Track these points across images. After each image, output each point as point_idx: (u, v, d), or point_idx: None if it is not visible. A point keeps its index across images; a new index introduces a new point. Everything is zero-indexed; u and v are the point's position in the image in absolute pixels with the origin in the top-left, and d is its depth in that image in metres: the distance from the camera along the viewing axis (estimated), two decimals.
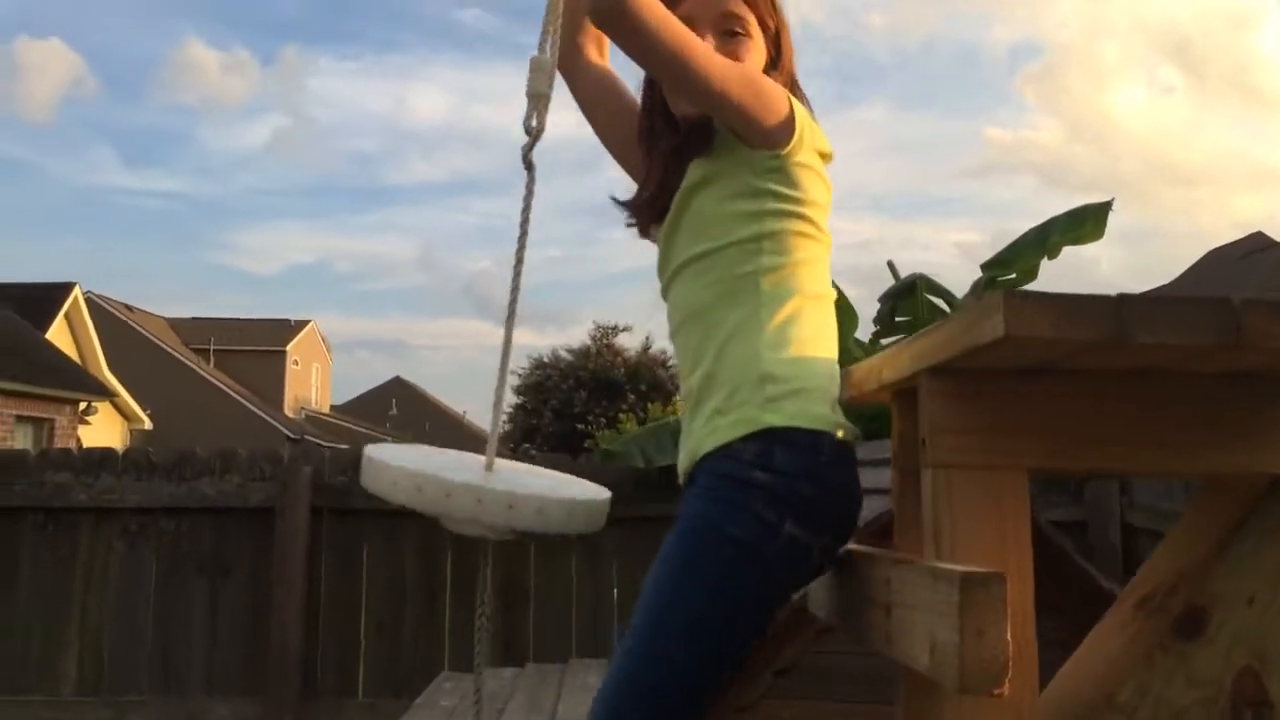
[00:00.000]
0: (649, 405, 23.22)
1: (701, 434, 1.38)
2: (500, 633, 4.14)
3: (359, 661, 4.15)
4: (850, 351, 4.35)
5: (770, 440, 1.32)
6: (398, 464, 1.44)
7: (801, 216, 1.43)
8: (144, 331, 29.97)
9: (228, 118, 59.84)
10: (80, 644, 4.16)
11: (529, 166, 1.55)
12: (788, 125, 1.40)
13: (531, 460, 3.24)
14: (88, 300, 21.99)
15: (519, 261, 1.56)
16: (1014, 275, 5.11)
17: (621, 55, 1.46)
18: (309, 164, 62.11)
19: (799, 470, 1.31)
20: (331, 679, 4.14)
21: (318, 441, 31.68)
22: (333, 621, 4.19)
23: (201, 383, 30.00)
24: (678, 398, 23.97)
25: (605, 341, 31.47)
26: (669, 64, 1.35)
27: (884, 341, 5.18)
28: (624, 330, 31.91)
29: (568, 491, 1.47)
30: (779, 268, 1.41)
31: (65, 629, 4.16)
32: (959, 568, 0.98)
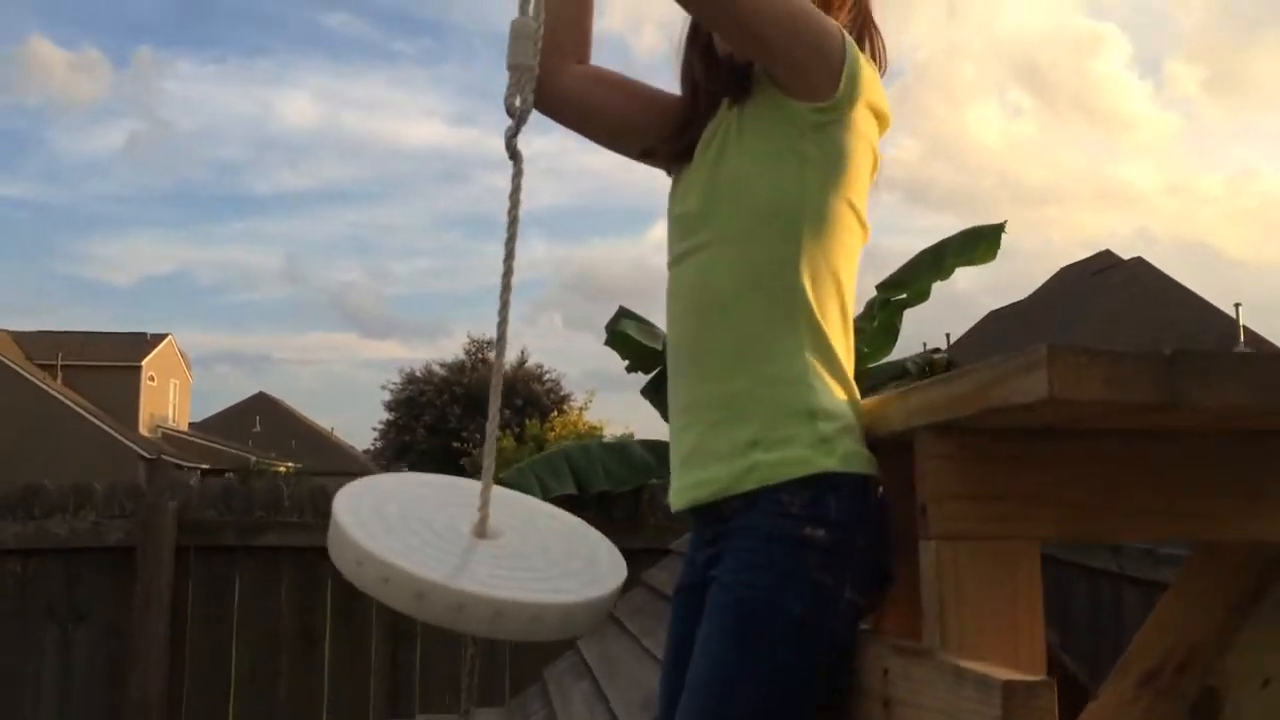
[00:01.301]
0: (525, 421, 22.93)
1: (735, 467, 1.18)
2: (387, 678, 3.89)
3: (228, 715, 3.83)
4: None
5: (822, 488, 1.14)
6: (365, 542, 1.19)
7: (844, 194, 1.23)
8: None
9: (78, 121, 57.00)
10: None
11: (514, 155, 1.32)
12: (835, 69, 1.20)
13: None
14: None
15: (509, 264, 1.32)
16: (905, 296, 5.13)
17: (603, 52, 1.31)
18: (167, 170, 59.57)
19: (854, 521, 1.15)
20: None
21: (176, 462, 30.30)
22: (200, 671, 3.86)
23: (48, 400, 28.31)
24: (555, 415, 23.73)
25: (480, 356, 31.01)
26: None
27: None
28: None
29: (569, 591, 1.23)
30: (818, 259, 1.22)
31: None
32: (996, 672, 0.84)
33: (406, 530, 1.27)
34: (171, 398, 35.11)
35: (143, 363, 32.39)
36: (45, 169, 51.48)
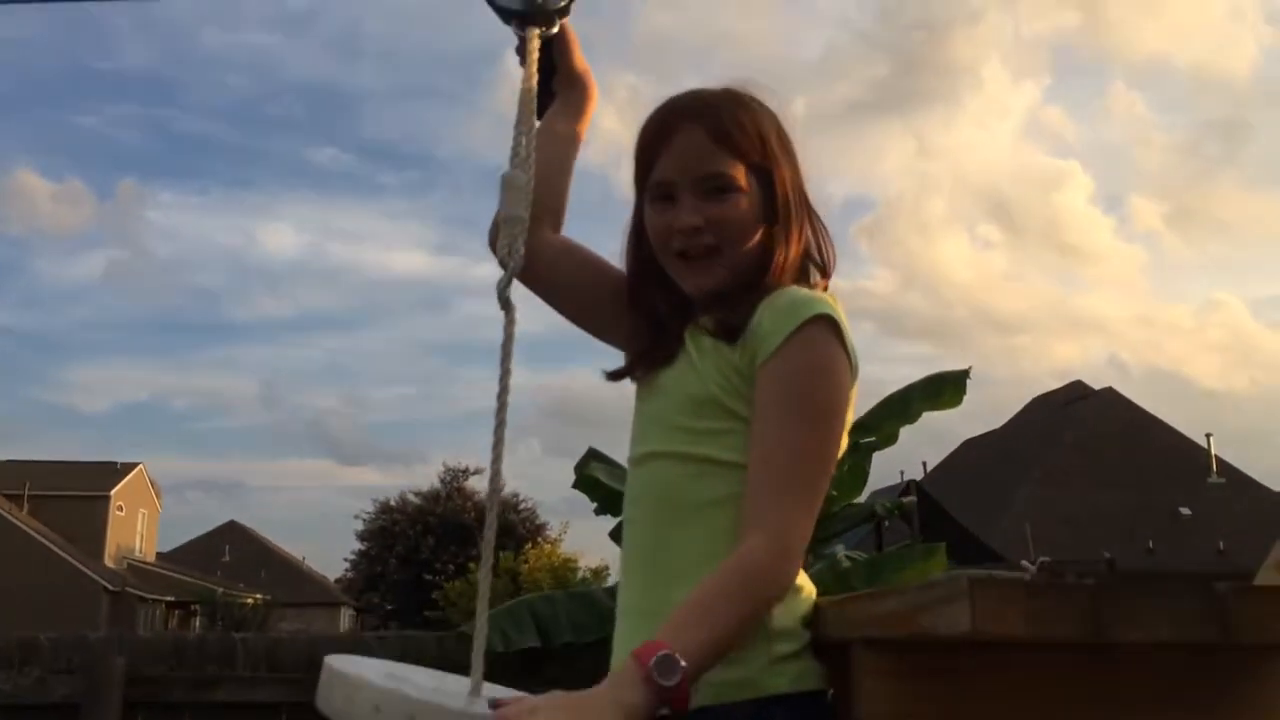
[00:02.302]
0: (500, 553, 22.63)
1: None
2: None
3: None
4: None
5: (770, 710, 1.11)
6: (363, 674, 1.17)
7: None
8: None
9: (60, 249, 57.47)
10: None
11: (506, 305, 1.30)
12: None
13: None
14: None
15: (501, 418, 1.27)
16: (874, 439, 5.15)
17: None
18: (147, 298, 59.87)
19: None
20: None
21: (139, 594, 29.64)
22: None
23: (12, 530, 27.72)
24: (529, 546, 23.47)
25: (456, 485, 30.71)
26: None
27: None
28: (475, 473, 31.25)
29: None
30: None
31: None
32: None
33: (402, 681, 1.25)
34: (139, 528, 34.46)
35: (111, 492, 31.89)
36: (25, 297, 51.69)
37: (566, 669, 3.98)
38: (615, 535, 5.19)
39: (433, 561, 26.35)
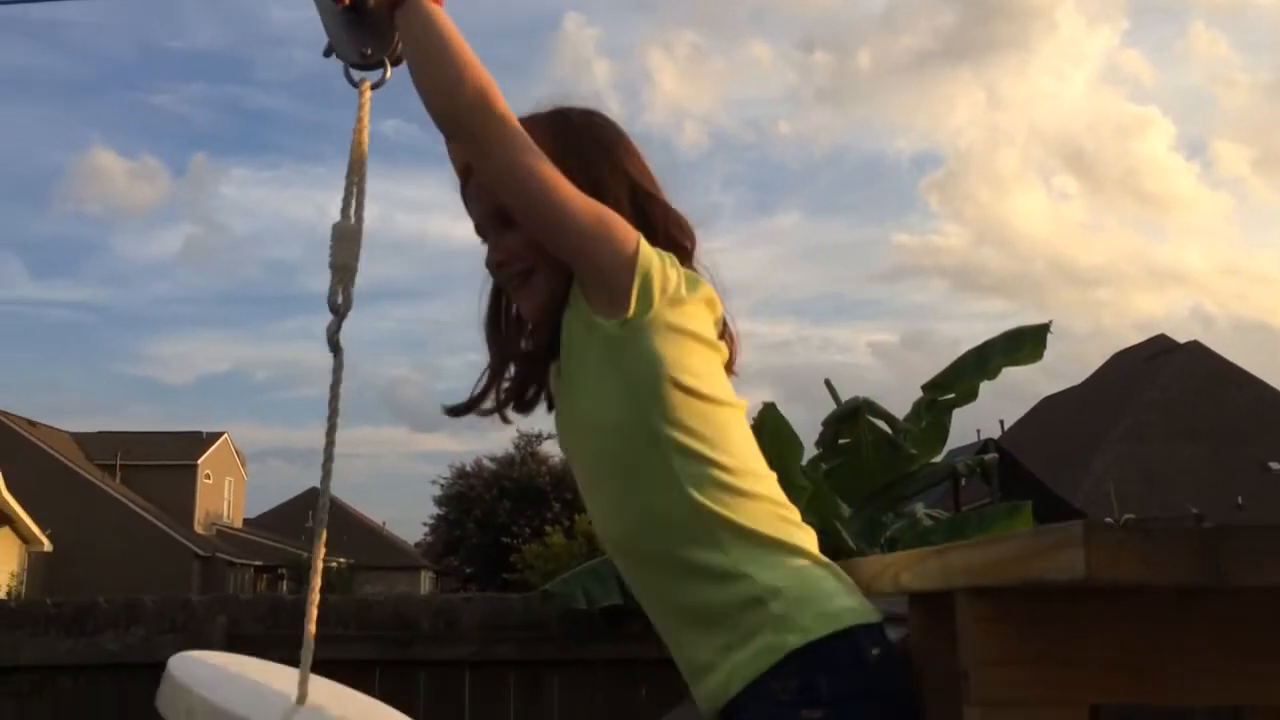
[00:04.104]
0: (575, 516, 22.85)
1: (721, 676, 1.19)
2: None
3: None
4: (794, 480, 4.23)
5: (808, 666, 1.14)
6: (190, 685, 1.31)
7: (693, 391, 1.22)
8: (46, 448, 28.76)
9: (138, 226, 58.93)
10: None
11: (335, 349, 1.39)
12: (627, 279, 1.21)
13: None
14: None
15: (329, 454, 1.40)
16: (953, 395, 5.09)
17: None
18: (224, 272, 61.20)
19: (851, 691, 1.15)
20: None
21: (229, 559, 30.52)
22: None
23: (107, 500, 28.75)
24: None
25: (529, 450, 31.06)
26: (511, 171, 1.22)
27: (825, 466, 5.08)
28: (548, 438, 31.62)
29: None
30: (694, 462, 1.20)
31: None
32: None
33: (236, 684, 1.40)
34: (226, 495, 35.50)
35: (198, 461, 32.87)
36: (108, 274, 53.22)
37: (649, 626, 4.02)
38: None
39: (509, 525, 26.74)
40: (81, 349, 55.46)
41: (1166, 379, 25.21)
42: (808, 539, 1.25)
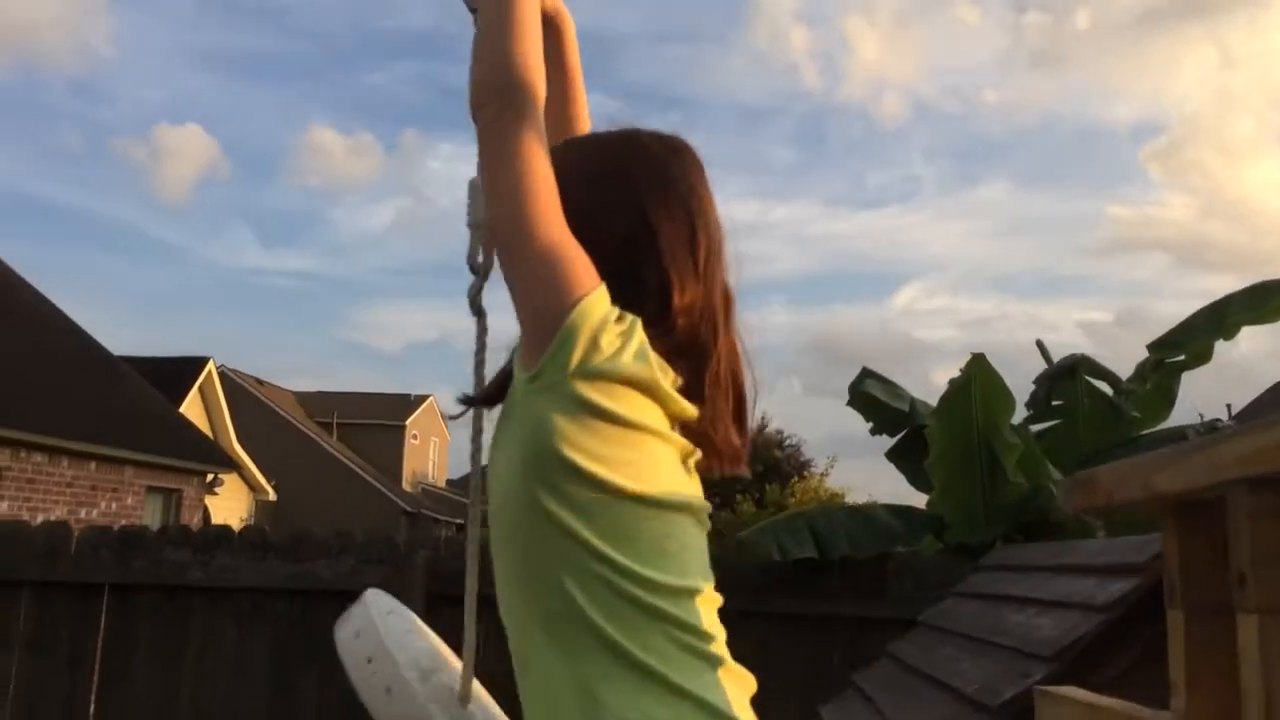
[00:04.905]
0: (766, 487, 22.71)
1: None
2: None
3: None
4: (1003, 436, 3.99)
5: None
6: (371, 619, 1.25)
7: (586, 475, 1.05)
8: (272, 405, 30.90)
9: (355, 199, 62.20)
10: None
11: (478, 311, 1.28)
12: (550, 331, 1.06)
13: None
14: (221, 374, 22.76)
15: (478, 426, 1.26)
16: (1183, 357, 4.69)
17: None
18: (431, 244, 63.92)
19: None
20: None
21: (433, 515, 32.01)
22: None
23: (324, 455, 30.67)
24: (795, 480, 23.42)
25: None
26: (499, 172, 1.12)
27: (1035, 427, 4.79)
28: None
29: None
30: (585, 568, 1.04)
31: (177, 711, 4.02)
32: None
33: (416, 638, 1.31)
34: (432, 455, 37.25)
35: (406, 422, 34.59)
36: (326, 244, 56.50)
37: (844, 582, 3.91)
38: (892, 455, 5.03)
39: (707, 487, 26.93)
40: (303, 315, 59.28)
41: None
42: (712, 683, 1.05)
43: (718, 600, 1.12)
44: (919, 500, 4.62)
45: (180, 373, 19.81)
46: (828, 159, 58.37)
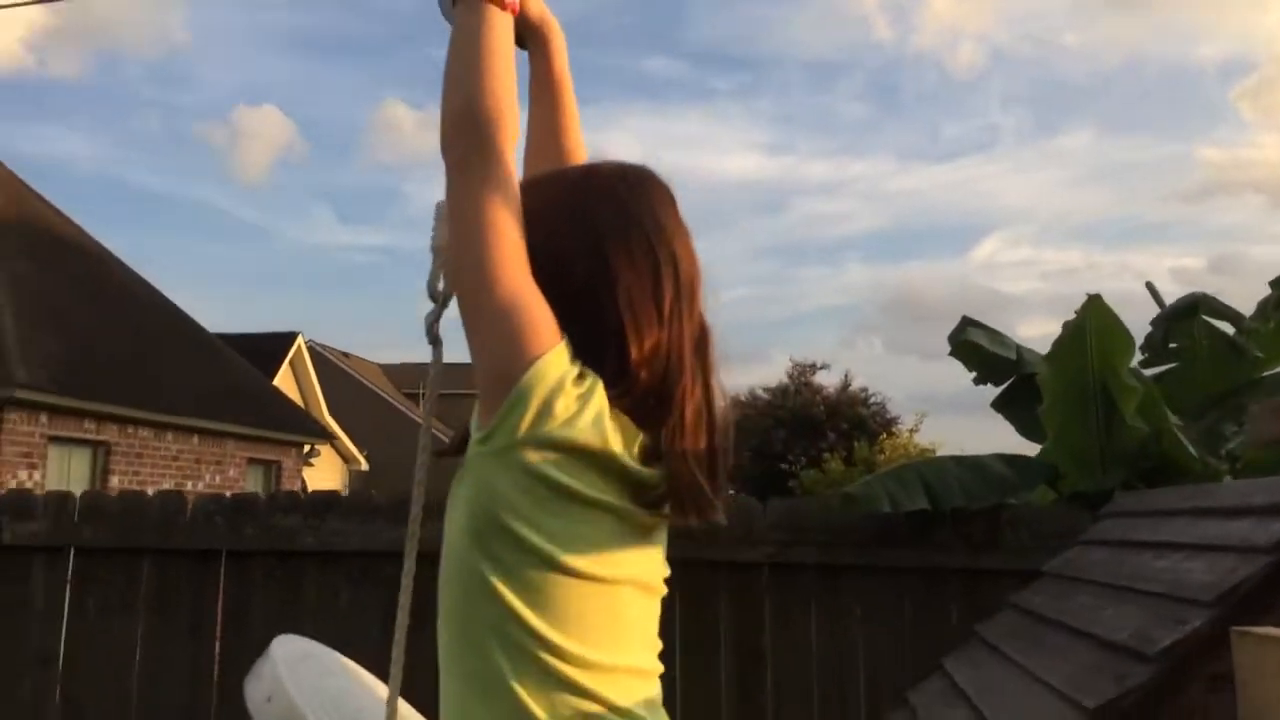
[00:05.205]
0: (854, 444, 22.51)
1: None
2: (734, 698, 3.81)
3: None
4: (1121, 380, 3.84)
5: None
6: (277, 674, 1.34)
7: (526, 546, 1.07)
8: (360, 377, 31.54)
9: (426, 172, 62.68)
10: None
11: (434, 341, 1.29)
12: (502, 392, 1.07)
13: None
14: (309, 349, 23.26)
15: (423, 460, 1.33)
16: None
17: None
18: None
19: None
20: None
21: None
22: None
23: (414, 426, 31.18)
24: (883, 437, 23.18)
25: (803, 379, 30.84)
26: (463, 212, 1.10)
27: (1150, 371, 4.61)
28: (822, 368, 31.24)
29: None
30: (508, 636, 1.07)
31: None
32: None
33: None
34: None
35: None
36: (401, 219, 57.19)
37: (956, 534, 3.81)
38: (998, 405, 4.89)
39: (785, 454, 26.74)
40: (383, 289, 60.22)
41: None
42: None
43: (651, 671, 1.15)
44: (1023, 452, 4.48)
45: (271, 348, 20.29)
46: (901, 112, 57.09)
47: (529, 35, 1.36)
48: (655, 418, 1.13)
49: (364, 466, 24.44)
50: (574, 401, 1.06)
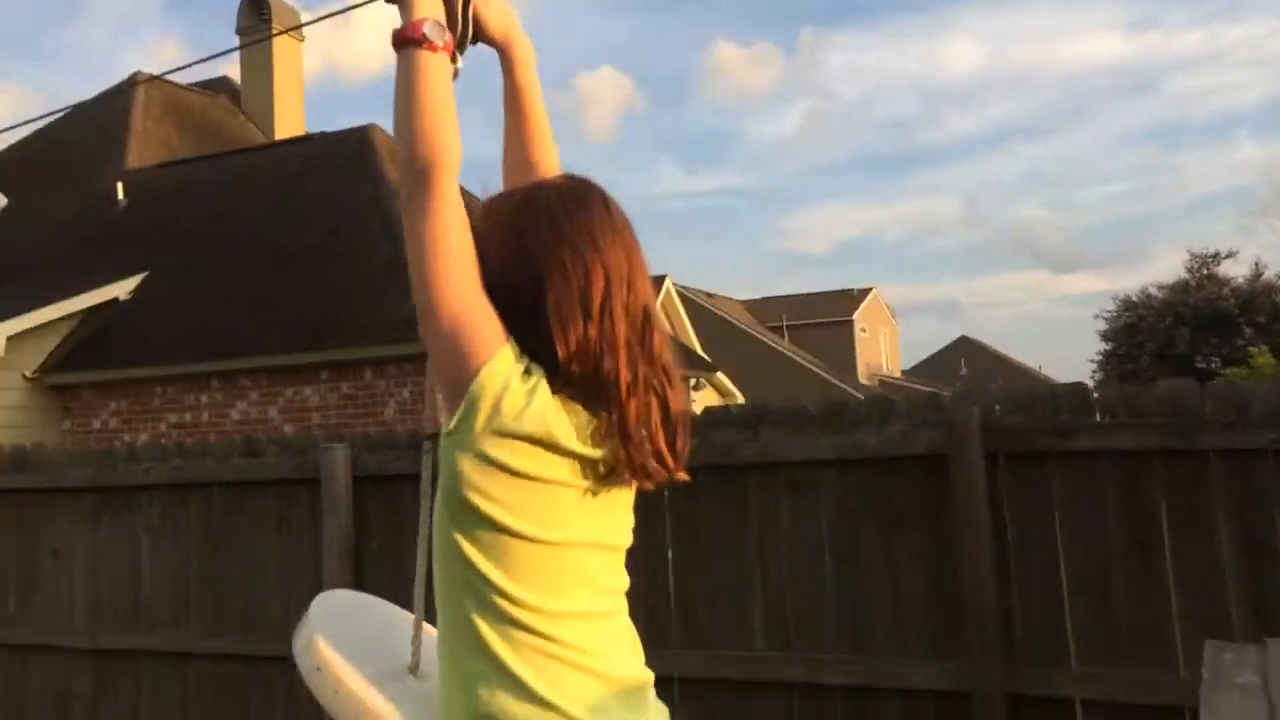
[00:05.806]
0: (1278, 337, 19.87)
1: None
2: (1244, 592, 3.37)
3: (1063, 624, 3.61)
4: None
5: None
6: (317, 629, 1.51)
7: (487, 518, 1.30)
8: (724, 315, 32.20)
9: (761, 109, 62.53)
10: (765, 600, 4.10)
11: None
12: (458, 394, 1.29)
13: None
14: (677, 291, 24.01)
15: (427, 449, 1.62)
16: None
17: None
18: (842, 140, 62.90)
19: None
20: (1033, 644, 3.65)
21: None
22: (1026, 579, 3.70)
23: (779, 357, 31.51)
24: None
25: (1205, 272, 27.68)
26: (417, 243, 1.29)
27: None
28: (1226, 257, 27.90)
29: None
30: (482, 595, 1.32)
31: (749, 585, 4.14)
32: None
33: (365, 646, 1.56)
34: (882, 347, 37.03)
35: (854, 316, 34.58)
36: (744, 158, 57.47)
37: None
38: None
39: (1191, 355, 24.20)
40: (733, 229, 60.97)
41: None
42: (573, 689, 1.31)
43: (610, 613, 1.39)
44: None
45: None
46: None
47: (499, 53, 1.57)
48: (598, 403, 1.31)
49: (739, 399, 24.98)
50: (520, 398, 1.27)
